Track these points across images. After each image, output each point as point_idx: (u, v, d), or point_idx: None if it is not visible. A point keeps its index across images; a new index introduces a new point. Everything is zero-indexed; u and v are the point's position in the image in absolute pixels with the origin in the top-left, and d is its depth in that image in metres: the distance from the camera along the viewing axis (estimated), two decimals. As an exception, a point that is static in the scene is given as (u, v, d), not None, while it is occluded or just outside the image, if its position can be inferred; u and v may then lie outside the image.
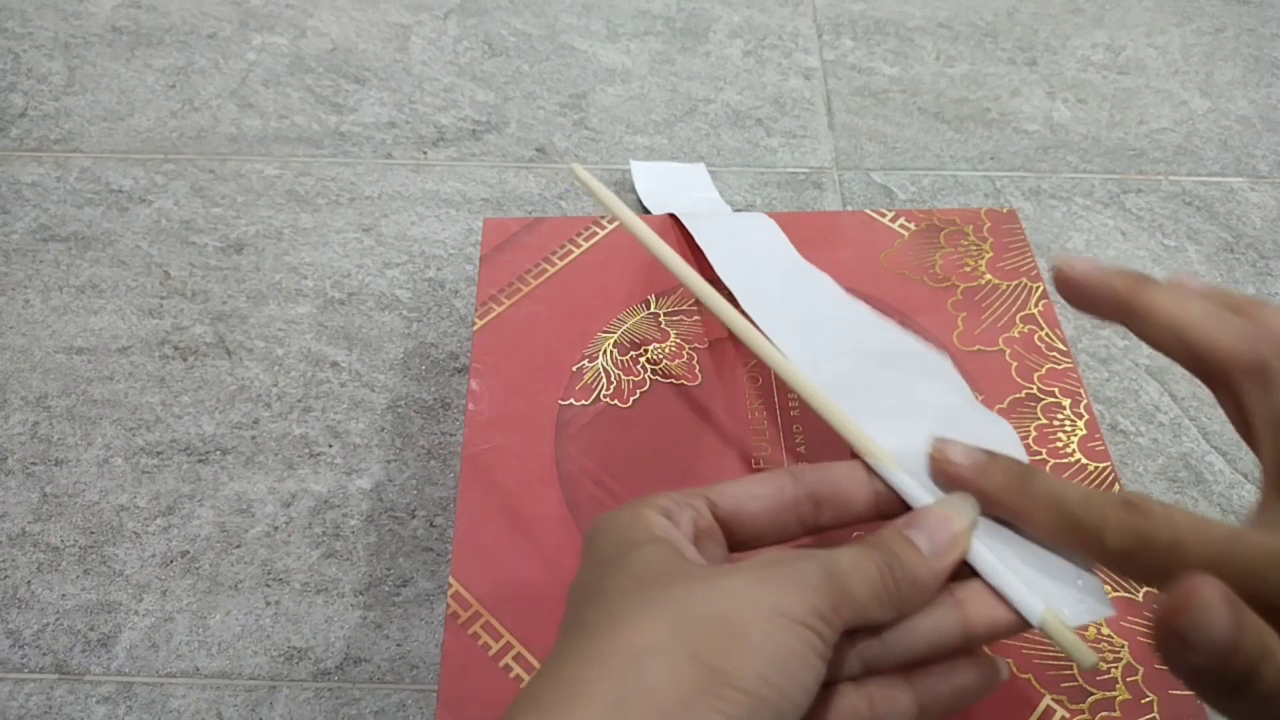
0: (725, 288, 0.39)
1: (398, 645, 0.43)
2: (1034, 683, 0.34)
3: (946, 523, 0.25)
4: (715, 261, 0.42)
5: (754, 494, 0.26)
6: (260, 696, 0.41)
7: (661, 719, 0.20)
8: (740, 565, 0.23)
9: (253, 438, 0.49)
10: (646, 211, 0.58)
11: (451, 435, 0.49)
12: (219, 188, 0.61)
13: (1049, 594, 0.26)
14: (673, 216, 0.47)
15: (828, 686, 0.24)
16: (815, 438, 0.40)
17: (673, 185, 0.57)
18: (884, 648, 0.24)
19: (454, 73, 0.69)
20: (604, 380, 0.42)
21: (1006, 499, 0.26)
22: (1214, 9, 0.74)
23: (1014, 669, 0.34)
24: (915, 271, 0.46)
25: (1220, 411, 0.27)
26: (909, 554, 0.24)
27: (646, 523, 0.24)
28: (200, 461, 0.48)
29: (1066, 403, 0.41)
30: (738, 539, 0.27)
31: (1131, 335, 0.28)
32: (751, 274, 0.41)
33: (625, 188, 0.61)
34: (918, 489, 0.27)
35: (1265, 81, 0.68)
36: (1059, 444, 0.40)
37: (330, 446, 0.49)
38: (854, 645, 0.24)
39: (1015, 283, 0.46)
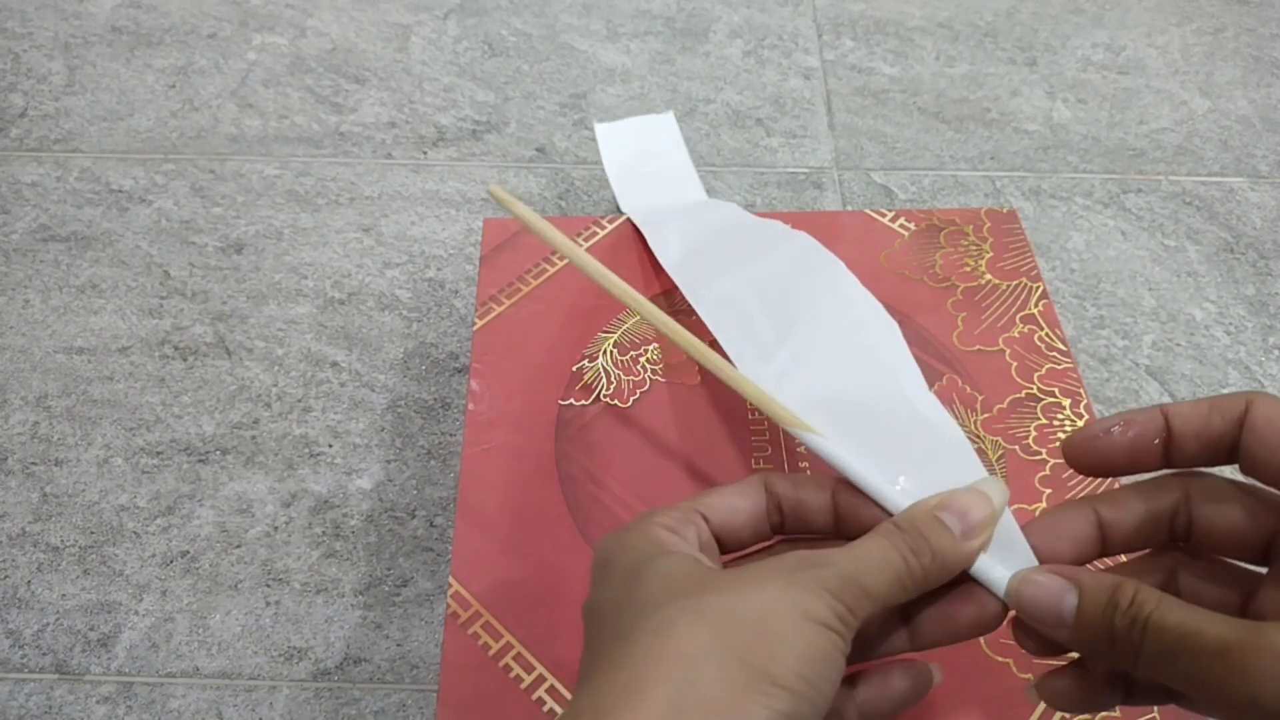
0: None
1: (398, 645, 0.43)
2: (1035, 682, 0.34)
3: (982, 502, 0.26)
4: (668, 265, 0.42)
5: (737, 507, 0.27)
6: (260, 696, 0.41)
7: (718, 717, 0.21)
8: (765, 569, 0.24)
9: (253, 438, 0.49)
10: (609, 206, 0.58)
11: (451, 435, 0.49)
12: (219, 188, 0.61)
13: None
14: (631, 224, 0.48)
15: None
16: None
17: (639, 147, 0.56)
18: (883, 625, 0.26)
19: (454, 73, 0.69)
20: (604, 380, 0.42)
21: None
22: (1214, 9, 0.74)
23: (1014, 669, 0.34)
24: (915, 271, 0.46)
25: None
26: (940, 537, 0.25)
27: (659, 539, 0.25)
28: (200, 461, 0.48)
29: (1066, 403, 0.41)
30: (725, 547, 0.28)
31: (1131, 335, 0.27)
32: (702, 268, 0.40)
33: (625, 188, 0.61)
34: (887, 490, 0.27)
35: (1265, 81, 0.68)
36: (1059, 444, 0.40)
37: (330, 446, 0.49)
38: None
39: (1015, 283, 0.46)
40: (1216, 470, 0.26)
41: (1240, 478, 0.25)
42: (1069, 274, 0.56)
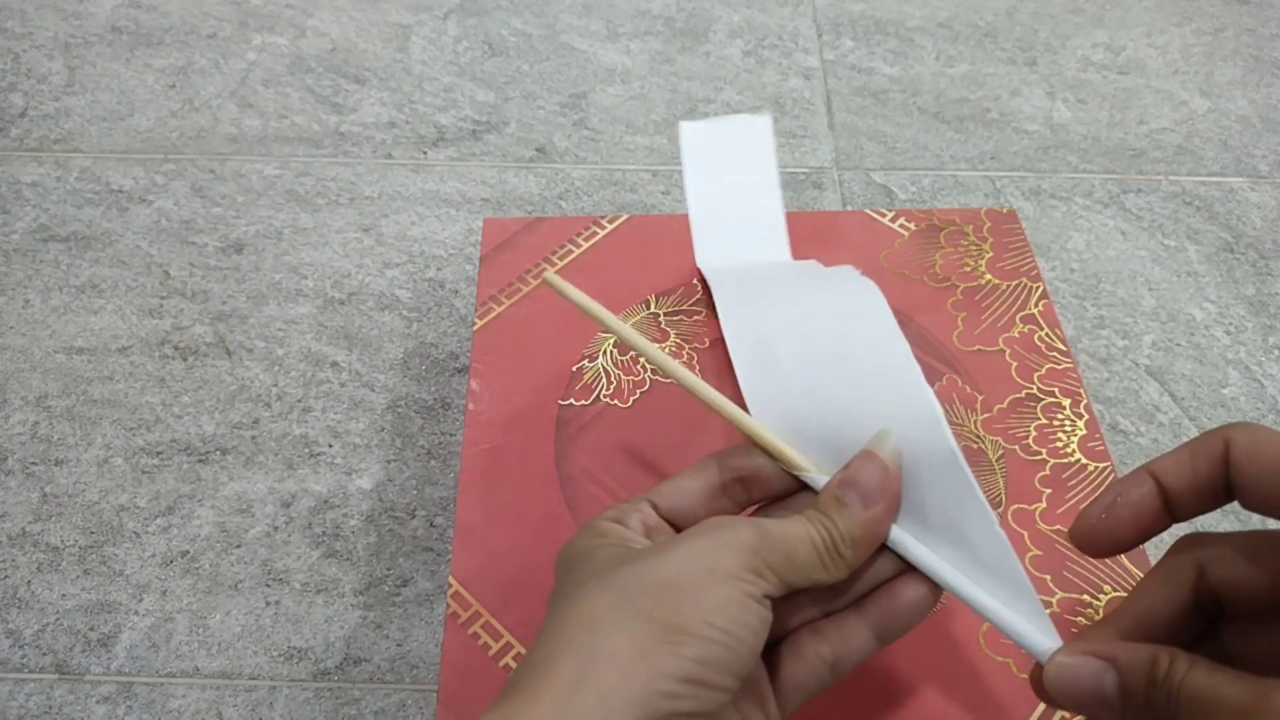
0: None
1: (398, 645, 0.43)
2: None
3: (871, 462, 0.27)
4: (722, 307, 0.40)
5: (686, 489, 0.28)
6: (260, 696, 0.41)
7: (623, 673, 0.22)
8: (680, 537, 0.25)
9: (253, 438, 0.49)
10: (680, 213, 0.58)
11: (451, 435, 0.49)
12: (219, 188, 0.61)
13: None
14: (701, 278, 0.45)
15: (790, 636, 0.26)
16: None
17: (725, 156, 0.52)
18: (833, 593, 0.27)
19: (454, 73, 0.69)
20: (604, 380, 0.42)
21: None
22: (1214, 9, 0.74)
23: (1014, 669, 0.34)
24: (915, 271, 0.46)
25: (1220, 411, 0.27)
26: (844, 518, 0.26)
27: (600, 531, 0.26)
28: (200, 461, 0.48)
29: (1066, 403, 0.41)
30: (682, 529, 0.28)
31: (1131, 335, 0.27)
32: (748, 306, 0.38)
33: (624, 187, 0.61)
34: (813, 474, 0.28)
35: (1265, 81, 0.68)
36: (1059, 444, 0.40)
37: (330, 446, 0.49)
38: (806, 595, 0.27)
39: (1015, 283, 0.46)
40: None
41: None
42: (1069, 274, 0.56)
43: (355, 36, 0.72)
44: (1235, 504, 0.26)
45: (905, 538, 0.27)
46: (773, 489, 0.29)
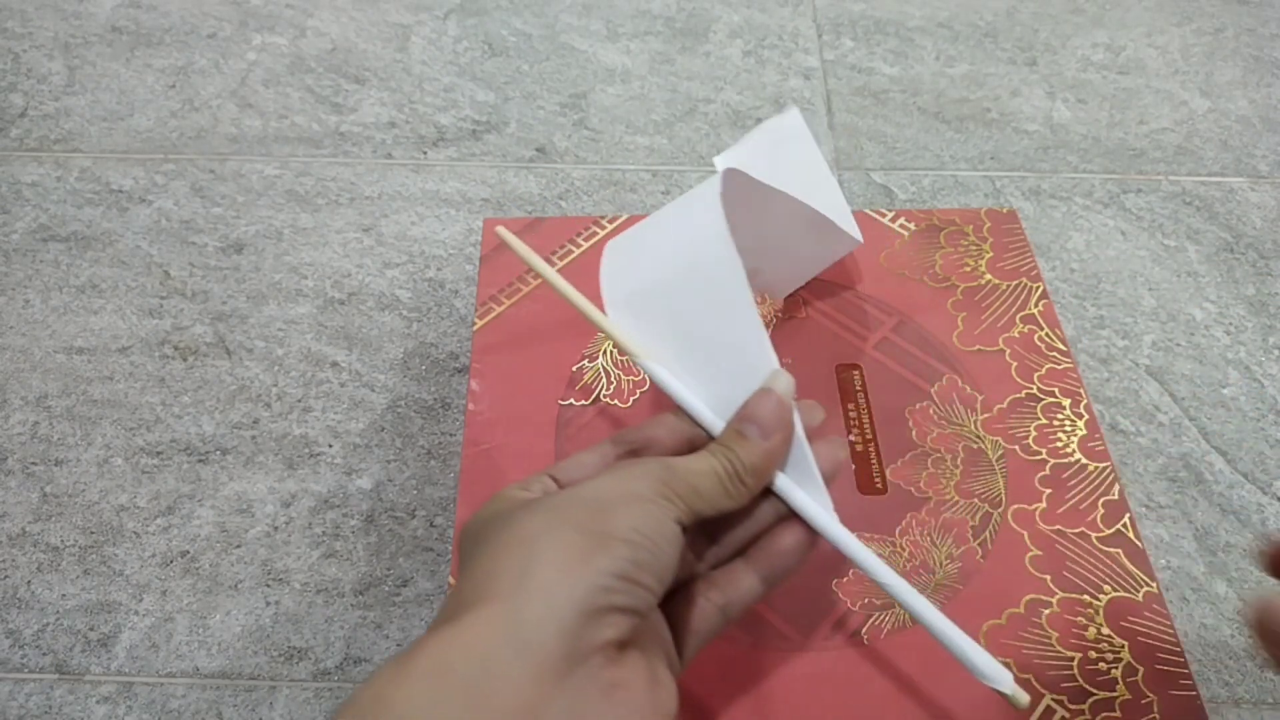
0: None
1: (398, 645, 0.43)
2: (1034, 683, 0.34)
3: (767, 398, 0.29)
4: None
5: (584, 462, 0.30)
6: (260, 696, 0.41)
7: (563, 572, 0.24)
8: (603, 473, 0.28)
9: (253, 438, 0.49)
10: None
11: (451, 435, 0.49)
12: (219, 188, 0.61)
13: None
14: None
15: (684, 588, 0.29)
16: (815, 437, 0.40)
17: (765, 167, 0.49)
18: (721, 546, 0.30)
19: (454, 73, 0.69)
20: (604, 380, 0.42)
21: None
22: (1214, 9, 0.74)
23: (1014, 669, 0.34)
24: (915, 271, 0.46)
25: (1220, 411, 0.27)
26: (745, 448, 0.28)
27: (508, 498, 0.28)
28: (200, 461, 0.48)
29: (1066, 403, 0.41)
30: None
31: (1131, 335, 0.28)
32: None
33: (625, 188, 0.61)
34: (710, 418, 0.30)
35: (1265, 81, 0.68)
36: (1059, 444, 0.40)
37: (330, 446, 0.49)
38: (696, 548, 0.30)
39: (1015, 283, 0.46)
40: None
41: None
42: (1069, 274, 0.56)
43: (355, 36, 0.72)
44: None
45: (788, 484, 0.29)
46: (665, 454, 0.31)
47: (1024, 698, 0.27)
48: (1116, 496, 0.38)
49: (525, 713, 0.22)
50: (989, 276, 0.46)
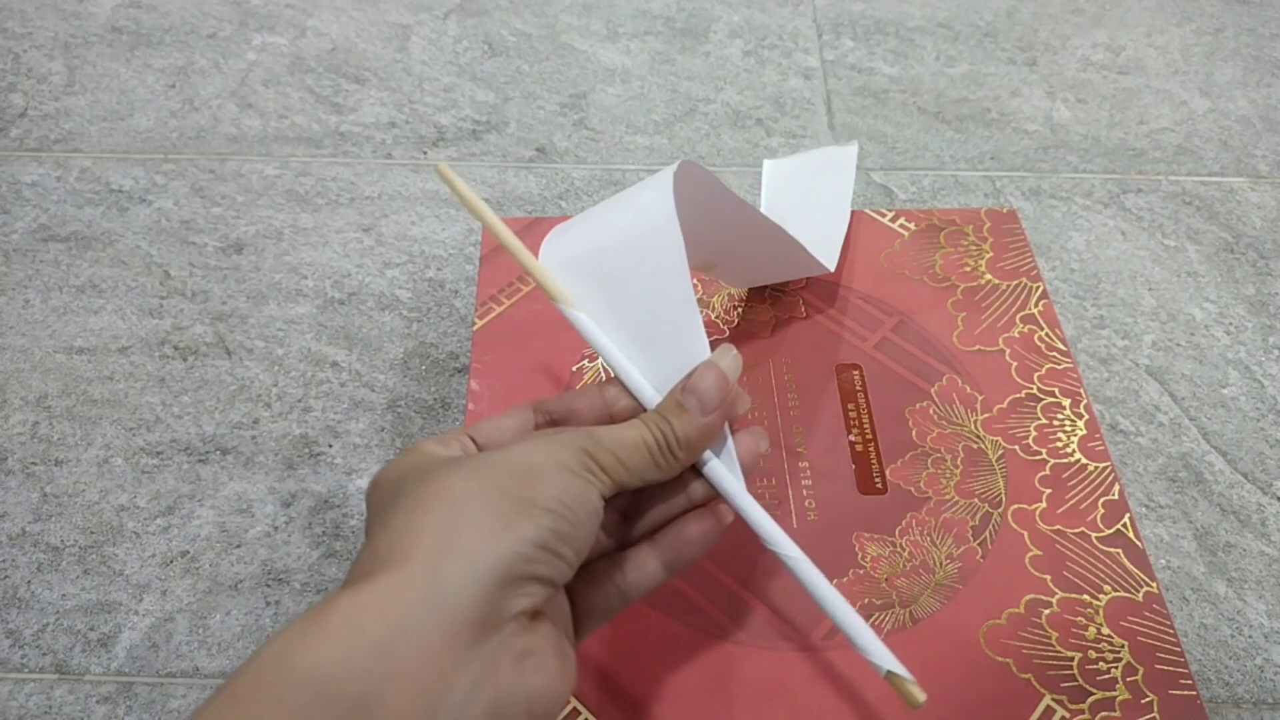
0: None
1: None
2: (1034, 683, 0.34)
3: (712, 372, 0.29)
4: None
5: (503, 426, 0.30)
6: (260, 696, 0.41)
7: (487, 537, 0.23)
8: (528, 438, 0.28)
9: (253, 438, 0.49)
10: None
11: (451, 435, 0.49)
12: (219, 188, 0.61)
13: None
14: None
15: (588, 566, 0.28)
16: (815, 437, 0.40)
17: (801, 185, 0.49)
18: (629, 526, 0.30)
19: (454, 73, 0.69)
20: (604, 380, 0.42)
21: None
22: (1214, 9, 0.74)
23: (1014, 669, 0.34)
24: (915, 271, 0.46)
25: (1220, 411, 0.27)
26: (683, 421, 0.28)
27: (425, 452, 0.28)
28: (200, 461, 0.48)
29: (1066, 403, 0.41)
30: None
31: (1131, 335, 0.28)
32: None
33: (624, 187, 0.61)
34: (645, 388, 0.30)
35: (1265, 81, 0.68)
36: (1059, 444, 0.40)
37: (330, 446, 0.49)
38: (607, 526, 0.30)
39: (1015, 283, 0.46)
40: None
41: None
42: (1069, 274, 0.56)
43: (355, 36, 0.72)
44: None
45: (718, 467, 0.29)
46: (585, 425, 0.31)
47: (920, 695, 0.27)
48: (1116, 496, 0.38)
49: (438, 678, 0.22)
50: (989, 276, 0.46)
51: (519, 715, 0.23)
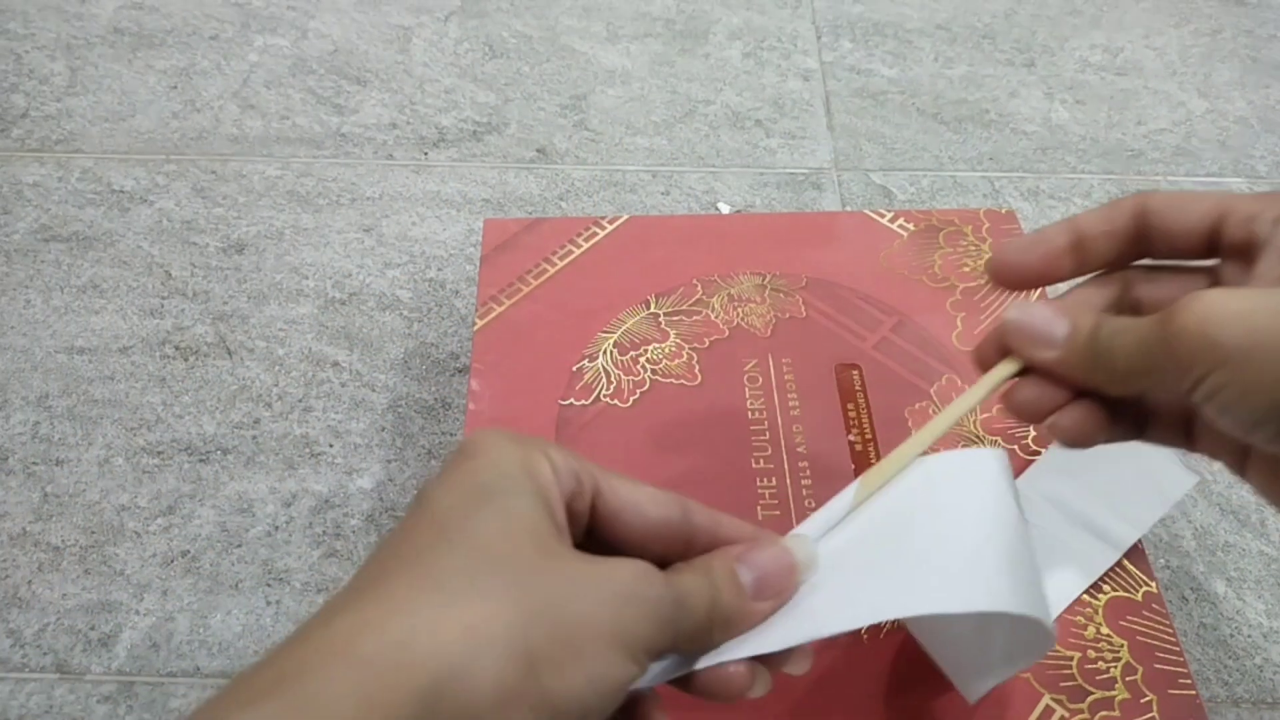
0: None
1: (398, 644, 0.43)
2: (1033, 682, 0.34)
3: (781, 558, 0.25)
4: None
5: (642, 512, 0.25)
6: (261, 696, 0.41)
7: (472, 715, 0.20)
8: (604, 570, 0.23)
9: (253, 437, 0.49)
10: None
11: (451, 435, 0.49)
12: (220, 188, 0.61)
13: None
14: None
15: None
16: (815, 437, 0.40)
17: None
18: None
19: (455, 74, 0.69)
20: (604, 380, 0.42)
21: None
22: (1211, 10, 0.74)
23: (1013, 667, 0.34)
24: (914, 271, 0.46)
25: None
26: (731, 594, 0.24)
27: (534, 471, 0.23)
28: (201, 461, 0.48)
29: (1065, 402, 0.41)
30: (602, 534, 0.26)
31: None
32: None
33: (625, 189, 0.61)
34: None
35: (1263, 82, 0.69)
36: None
37: (331, 446, 0.49)
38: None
39: (1014, 283, 0.46)
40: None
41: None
42: (1068, 275, 0.56)
43: (356, 38, 0.72)
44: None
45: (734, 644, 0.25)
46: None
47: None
48: (1115, 496, 0.38)
49: None
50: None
51: None
